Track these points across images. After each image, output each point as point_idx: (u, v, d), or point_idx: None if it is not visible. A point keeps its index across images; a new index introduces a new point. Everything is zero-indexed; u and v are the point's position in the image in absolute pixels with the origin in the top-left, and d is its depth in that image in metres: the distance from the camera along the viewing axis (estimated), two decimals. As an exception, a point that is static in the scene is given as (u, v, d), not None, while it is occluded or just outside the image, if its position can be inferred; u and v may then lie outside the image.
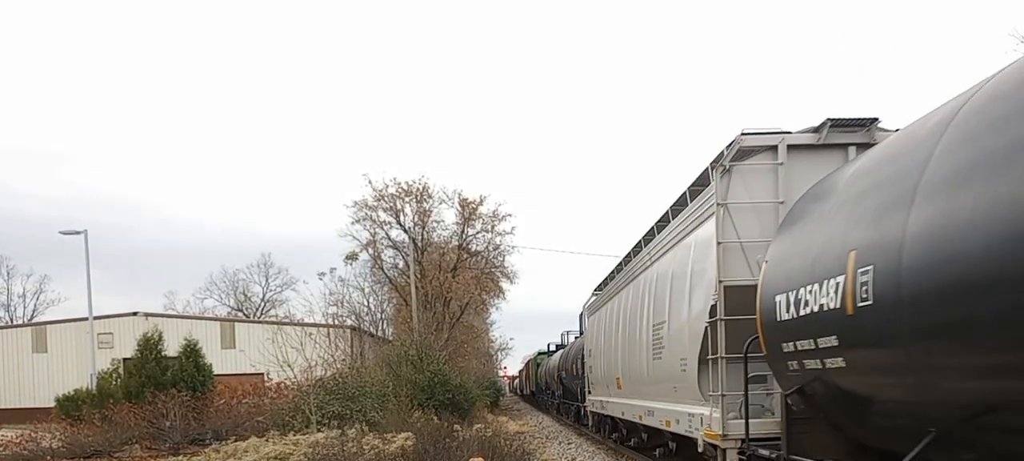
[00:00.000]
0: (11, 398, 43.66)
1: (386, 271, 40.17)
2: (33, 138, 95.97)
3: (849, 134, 8.82)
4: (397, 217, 37.79)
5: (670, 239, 11.96)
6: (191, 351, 25.09)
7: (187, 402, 21.23)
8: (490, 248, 39.68)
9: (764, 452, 7.78)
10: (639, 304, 14.13)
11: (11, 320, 69.06)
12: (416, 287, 33.36)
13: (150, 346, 24.84)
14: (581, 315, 24.88)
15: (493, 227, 38.33)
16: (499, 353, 63.86)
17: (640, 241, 14.84)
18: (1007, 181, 3.93)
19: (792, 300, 6.42)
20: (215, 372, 26.37)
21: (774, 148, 9.05)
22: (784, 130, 9.09)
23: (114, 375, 27.98)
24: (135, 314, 44.99)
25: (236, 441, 15.31)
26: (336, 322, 24.95)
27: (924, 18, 78.19)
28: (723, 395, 9.07)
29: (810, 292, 6.06)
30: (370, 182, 37.20)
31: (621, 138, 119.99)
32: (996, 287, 3.93)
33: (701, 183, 10.53)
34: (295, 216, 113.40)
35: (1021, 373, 3.88)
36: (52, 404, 28.11)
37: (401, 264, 39.61)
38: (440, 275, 36.59)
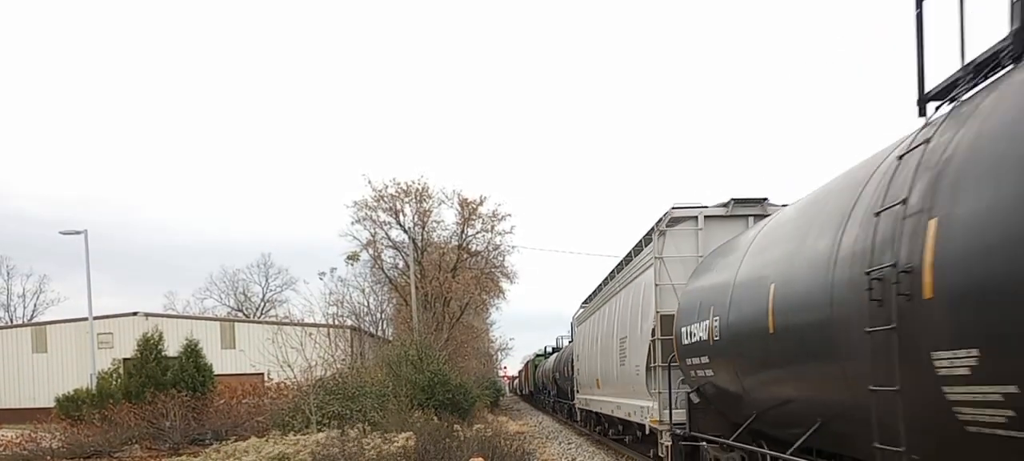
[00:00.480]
0: (11, 398, 43.66)
1: (386, 271, 40.18)
2: (33, 138, 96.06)
3: (748, 208, 12.09)
4: (397, 217, 37.82)
5: (629, 276, 15.57)
6: (191, 351, 25.10)
7: (187, 402, 21.22)
8: (490, 248, 39.72)
9: (679, 432, 11.06)
10: (611, 321, 17.42)
11: (11, 320, 69.11)
12: (416, 287, 33.36)
13: (150, 346, 24.84)
14: (571, 324, 28.02)
15: (493, 227, 38.36)
16: (499, 353, 63.89)
17: (613, 270, 18.22)
18: (758, 280, 7.54)
19: (689, 331, 9.87)
20: (215, 372, 26.38)
21: (696, 217, 12.40)
22: (703, 205, 12.50)
23: (114, 375, 27.96)
24: (135, 314, 44.98)
25: (236, 441, 15.30)
26: (336, 322, 24.92)
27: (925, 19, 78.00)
28: (660, 393, 12.37)
29: (697, 327, 9.51)
30: (370, 182, 37.25)
31: (621, 138, 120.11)
32: (757, 335, 7.34)
33: (648, 239, 13.77)
34: (295, 216, 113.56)
35: (776, 384, 7.36)
36: (52, 404, 28.11)
37: (401, 264, 39.61)
38: (440, 275, 36.57)
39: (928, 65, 5.43)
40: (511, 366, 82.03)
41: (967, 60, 4.94)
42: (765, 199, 12.05)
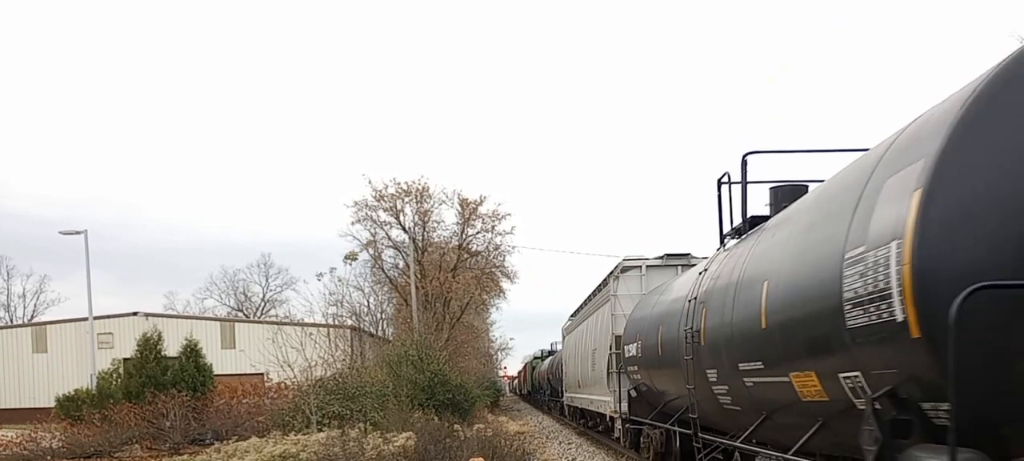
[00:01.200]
0: (11, 398, 43.63)
1: (386, 271, 40.20)
2: (34, 138, 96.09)
3: (677, 260, 16.31)
4: (397, 217, 37.82)
5: (596, 305, 20.35)
6: (191, 351, 25.09)
7: (187, 402, 21.19)
8: (490, 248, 39.74)
9: (625, 416, 16.23)
10: (586, 336, 22.38)
11: (11, 320, 69.13)
12: (416, 287, 33.36)
13: (150, 346, 24.83)
14: (562, 333, 32.46)
15: (493, 227, 38.39)
16: (499, 353, 63.84)
17: (588, 296, 22.99)
18: (655, 319, 12.49)
19: (628, 348, 14.85)
20: (215, 372, 26.38)
21: (640, 266, 16.95)
22: (645, 257, 17.02)
23: (114, 375, 27.95)
24: (135, 314, 44.98)
25: (237, 441, 15.29)
26: (336, 322, 24.92)
27: (926, 21, 78.26)
28: (615, 390, 16.65)
29: (632, 346, 14.33)
30: (370, 182, 37.22)
31: (621, 137, 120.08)
32: (655, 354, 12.34)
33: (606, 281, 18.89)
34: (295, 216, 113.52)
35: (663, 383, 12.36)
36: (52, 404, 28.09)
37: (401, 264, 39.62)
38: (440, 275, 36.59)
39: (725, 221, 10.02)
40: (511, 366, 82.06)
41: (745, 218, 9.32)
42: (689, 254, 16.19)
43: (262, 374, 25.73)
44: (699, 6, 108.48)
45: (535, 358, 56.51)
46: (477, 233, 38.89)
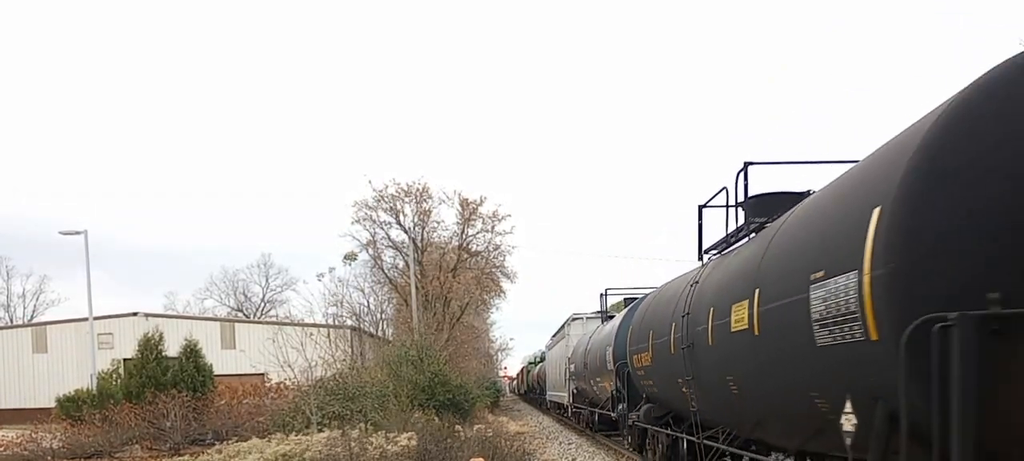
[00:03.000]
0: (11, 398, 43.63)
1: (386, 271, 40.18)
2: (34, 138, 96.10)
3: (601, 314, 24.15)
4: (397, 217, 37.81)
5: (559, 337, 32.27)
6: (191, 351, 25.08)
7: (187, 402, 21.19)
8: (490, 248, 39.74)
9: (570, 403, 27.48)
10: (556, 357, 33.75)
11: (11, 320, 69.14)
12: (416, 287, 33.36)
13: (151, 346, 24.83)
14: (545, 349, 43.43)
15: (493, 227, 38.39)
16: (499, 353, 63.85)
17: (556, 331, 35.11)
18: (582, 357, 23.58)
19: (571, 368, 26.86)
20: (215, 372, 26.37)
21: (582, 318, 27.22)
22: (585, 312, 27.20)
23: (114, 375, 27.95)
24: (135, 314, 44.97)
25: (237, 442, 15.29)
26: (336, 322, 24.93)
27: (926, 21, 78.25)
28: (568, 390, 27.57)
29: (573, 366, 26.17)
30: (370, 182, 37.24)
31: (621, 137, 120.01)
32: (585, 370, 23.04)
33: (564, 326, 30.65)
34: (295, 216, 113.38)
35: (591, 388, 22.29)
36: (52, 404, 28.11)
37: (401, 264, 39.59)
38: (440, 275, 36.58)
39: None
40: (511, 366, 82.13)
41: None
42: (612, 315, 22.04)
43: (262, 374, 25.72)
44: (699, 7, 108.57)
45: (529, 363, 62.28)
46: (477, 233, 38.93)
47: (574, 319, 27.68)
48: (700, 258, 10.55)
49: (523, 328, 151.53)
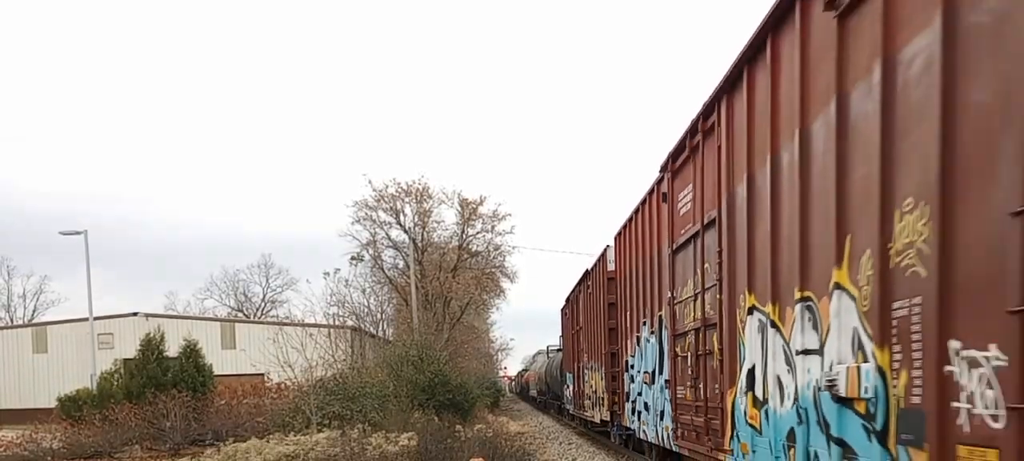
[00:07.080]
0: (11, 398, 43.59)
1: (386, 271, 40.18)
2: (35, 137, 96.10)
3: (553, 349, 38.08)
4: (397, 217, 37.82)
5: (534, 360, 54.68)
6: (191, 351, 25.05)
7: (187, 403, 21.16)
8: (490, 248, 39.76)
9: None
10: (536, 368, 47.60)
11: (11, 320, 69.03)
12: (416, 287, 33.37)
13: (152, 347, 24.79)
14: (528, 361, 58.55)
15: (493, 227, 38.41)
16: (499, 353, 63.91)
17: (534, 354, 56.15)
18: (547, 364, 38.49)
19: (546, 375, 39.67)
20: (215, 372, 26.30)
21: (545, 350, 41.39)
22: (546, 347, 41.43)
23: (115, 376, 27.93)
24: (135, 314, 44.94)
25: (236, 442, 15.29)
26: (336, 322, 24.95)
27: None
28: (540, 390, 39.56)
29: (549, 374, 37.29)
30: (370, 182, 37.25)
31: (621, 137, 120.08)
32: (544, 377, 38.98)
33: (537, 354, 52.88)
34: (296, 216, 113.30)
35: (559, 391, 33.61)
36: (53, 404, 28.04)
37: (401, 264, 39.62)
38: (440, 275, 36.60)
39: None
40: (511, 366, 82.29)
41: None
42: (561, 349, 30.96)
43: (262, 374, 25.73)
44: (699, 7, 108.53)
45: (524, 369, 68.67)
46: (477, 233, 38.94)
47: (537, 352, 49.96)
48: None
49: (523, 328, 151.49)
